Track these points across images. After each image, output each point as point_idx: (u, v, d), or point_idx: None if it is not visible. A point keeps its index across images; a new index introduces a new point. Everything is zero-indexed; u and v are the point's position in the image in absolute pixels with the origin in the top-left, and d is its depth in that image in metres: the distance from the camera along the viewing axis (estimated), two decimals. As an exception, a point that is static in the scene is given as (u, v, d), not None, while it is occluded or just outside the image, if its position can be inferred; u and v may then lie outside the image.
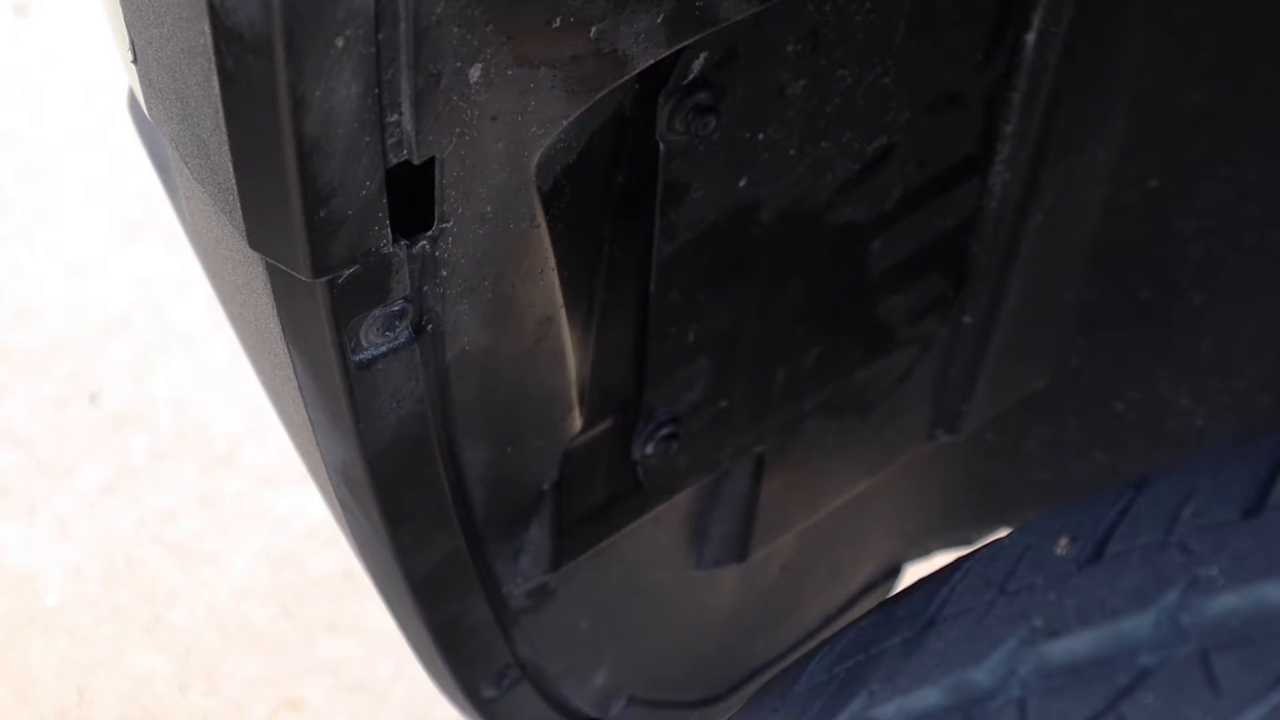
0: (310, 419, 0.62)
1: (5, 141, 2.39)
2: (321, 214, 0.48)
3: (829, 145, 0.71)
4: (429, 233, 0.53)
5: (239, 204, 0.50)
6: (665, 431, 0.78)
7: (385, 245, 0.51)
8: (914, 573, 1.18)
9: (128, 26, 0.53)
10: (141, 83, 0.55)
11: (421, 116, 0.48)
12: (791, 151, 0.70)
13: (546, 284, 0.62)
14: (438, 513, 0.69)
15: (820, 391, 0.87)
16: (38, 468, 1.93)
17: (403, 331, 0.57)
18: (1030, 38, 0.74)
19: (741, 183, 0.69)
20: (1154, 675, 0.40)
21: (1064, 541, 0.48)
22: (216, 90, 0.46)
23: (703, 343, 0.76)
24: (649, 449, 0.79)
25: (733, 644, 1.06)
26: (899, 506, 1.10)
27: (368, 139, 0.47)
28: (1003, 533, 0.99)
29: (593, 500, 0.80)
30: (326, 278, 0.51)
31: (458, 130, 0.50)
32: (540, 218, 0.58)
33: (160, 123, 0.56)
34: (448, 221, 0.53)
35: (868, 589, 1.14)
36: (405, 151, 0.49)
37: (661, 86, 0.61)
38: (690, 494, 0.87)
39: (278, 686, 1.70)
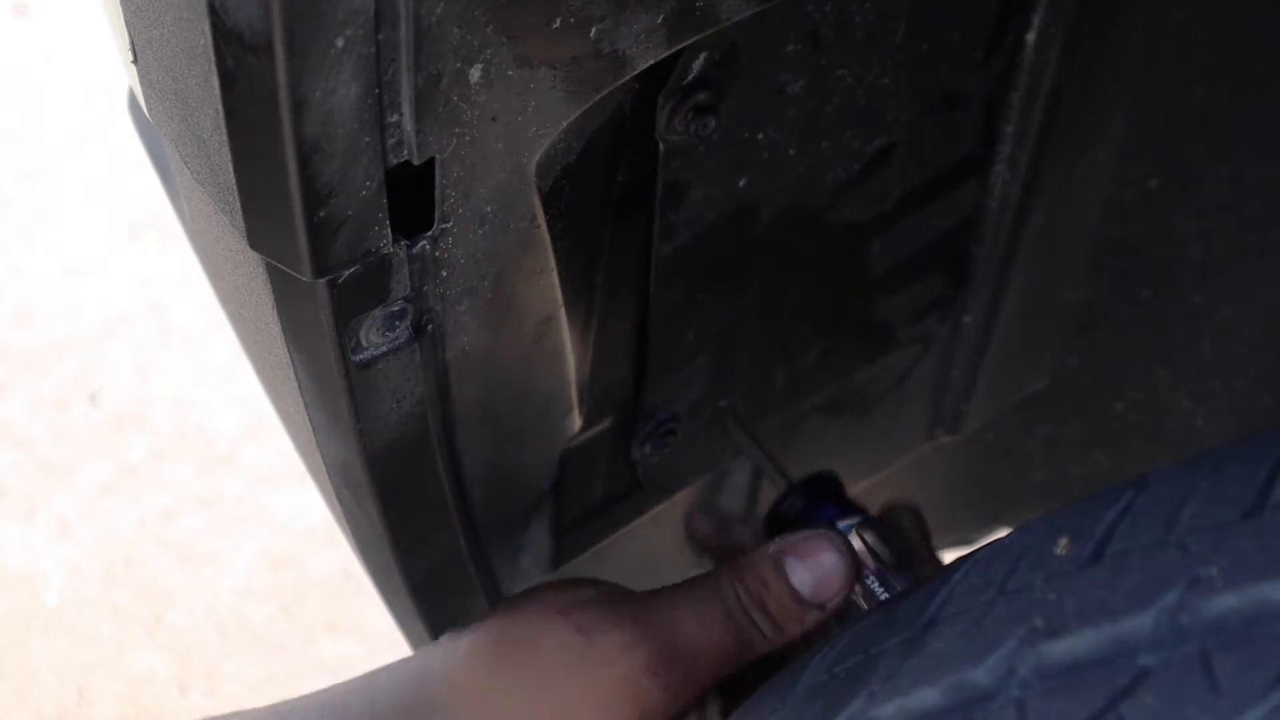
0: (310, 419, 0.62)
1: (5, 141, 2.39)
2: (321, 214, 0.48)
3: (829, 145, 0.71)
4: (429, 233, 0.53)
5: (239, 204, 0.50)
6: (664, 430, 0.78)
7: (385, 245, 0.51)
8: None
9: (128, 26, 0.53)
10: (141, 83, 0.55)
11: (422, 117, 0.48)
12: (791, 151, 0.70)
13: (546, 284, 0.62)
14: (438, 513, 0.69)
15: (820, 391, 0.87)
16: (38, 468, 1.93)
17: (403, 331, 0.57)
18: (1030, 38, 0.74)
19: (741, 182, 0.69)
20: (1154, 675, 0.40)
21: (1064, 541, 0.48)
22: (216, 90, 0.46)
23: (702, 342, 0.76)
24: (648, 448, 0.79)
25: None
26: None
27: (368, 139, 0.47)
28: (1003, 533, 0.99)
29: (592, 500, 0.80)
30: (327, 278, 0.51)
31: (458, 131, 0.50)
32: (540, 218, 0.58)
33: (160, 123, 0.56)
34: (448, 222, 0.53)
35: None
36: (405, 152, 0.49)
37: (661, 86, 0.61)
38: (691, 494, 0.87)
39: (278, 686, 1.70)
